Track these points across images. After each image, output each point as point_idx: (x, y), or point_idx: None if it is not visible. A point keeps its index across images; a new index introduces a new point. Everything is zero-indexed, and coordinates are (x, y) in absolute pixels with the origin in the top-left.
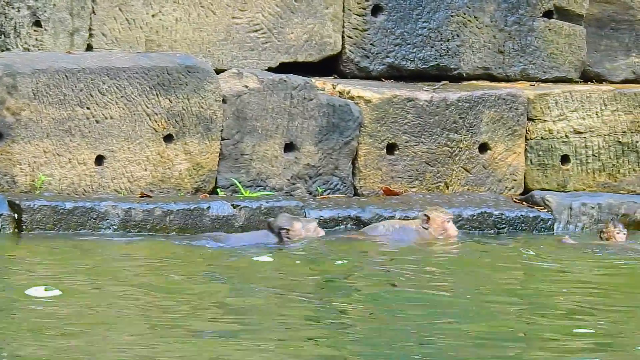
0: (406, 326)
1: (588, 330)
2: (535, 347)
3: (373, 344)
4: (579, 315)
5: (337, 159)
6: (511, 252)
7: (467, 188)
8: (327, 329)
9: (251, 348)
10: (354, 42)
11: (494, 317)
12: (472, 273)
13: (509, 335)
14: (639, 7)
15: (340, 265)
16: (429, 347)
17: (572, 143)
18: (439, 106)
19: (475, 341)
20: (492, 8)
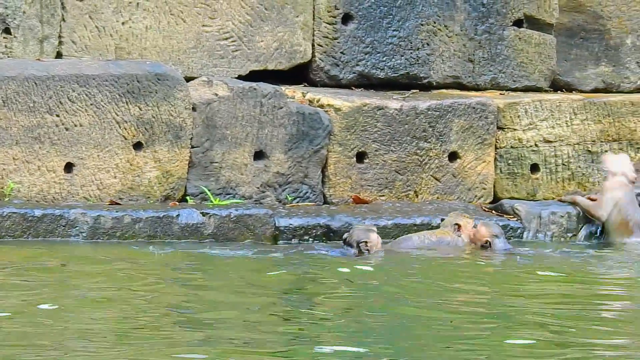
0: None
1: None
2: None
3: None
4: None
5: (306, 167)
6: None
7: (437, 197)
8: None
9: None
10: (324, 50)
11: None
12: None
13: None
14: (608, 17)
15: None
16: None
17: (541, 152)
18: (409, 115)
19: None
20: (462, 17)
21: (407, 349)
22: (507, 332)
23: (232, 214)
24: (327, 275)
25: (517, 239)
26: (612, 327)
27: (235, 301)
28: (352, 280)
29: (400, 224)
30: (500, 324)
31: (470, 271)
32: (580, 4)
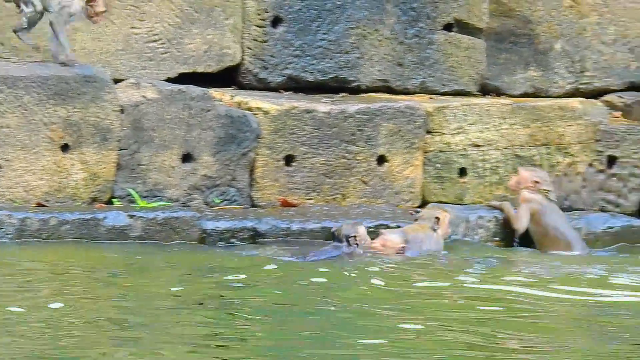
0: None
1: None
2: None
3: None
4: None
5: (234, 170)
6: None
7: (365, 200)
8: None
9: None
10: (253, 53)
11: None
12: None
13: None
14: (538, 21)
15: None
16: None
17: (470, 156)
18: (338, 118)
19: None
20: (392, 21)
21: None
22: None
23: (159, 217)
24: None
25: (444, 242)
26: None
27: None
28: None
29: (328, 227)
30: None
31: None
32: (510, 9)
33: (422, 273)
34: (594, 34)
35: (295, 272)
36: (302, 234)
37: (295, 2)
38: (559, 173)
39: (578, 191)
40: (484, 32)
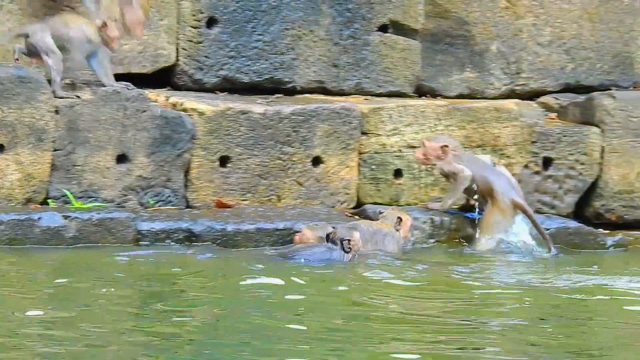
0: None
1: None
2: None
3: None
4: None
5: (169, 170)
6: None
7: (300, 201)
8: None
9: None
10: (188, 54)
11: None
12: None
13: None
14: (474, 23)
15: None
16: None
17: (405, 157)
18: (273, 119)
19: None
20: (327, 21)
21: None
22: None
23: (93, 218)
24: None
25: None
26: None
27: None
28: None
29: (263, 229)
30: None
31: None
32: (446, 10)
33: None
34: (530, 35)
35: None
36: (237, 235)
37: (230, 3)
38: None
39: None
40: (419, 33)
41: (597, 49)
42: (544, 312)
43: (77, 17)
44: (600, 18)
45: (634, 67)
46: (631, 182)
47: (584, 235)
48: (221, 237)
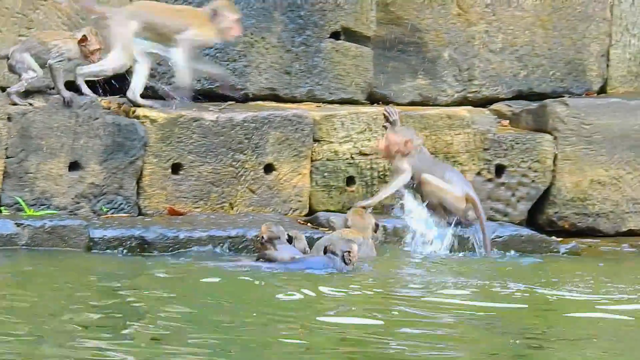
0: None
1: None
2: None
3: None
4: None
5: (122, 178)
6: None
7: (252, 209)
8: None
9: None
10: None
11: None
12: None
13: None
14: (426, 30)
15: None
16: None
17: (357, 165)
18: (225, 126)
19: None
20: (279, 29)
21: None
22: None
23: (46, 225)
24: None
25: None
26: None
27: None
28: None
29: (215, 236)
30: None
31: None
32: (398, 17)
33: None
34: (482, 43)
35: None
36: (190, 243)
37: None
38: None
39: None
40: (371, 40)
41: (549, 56)
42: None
43: (56, 34)
44: (553, 25)
45: (587, 74)
46: (584, 189)
47: (537, 243)
48: (173, 245)
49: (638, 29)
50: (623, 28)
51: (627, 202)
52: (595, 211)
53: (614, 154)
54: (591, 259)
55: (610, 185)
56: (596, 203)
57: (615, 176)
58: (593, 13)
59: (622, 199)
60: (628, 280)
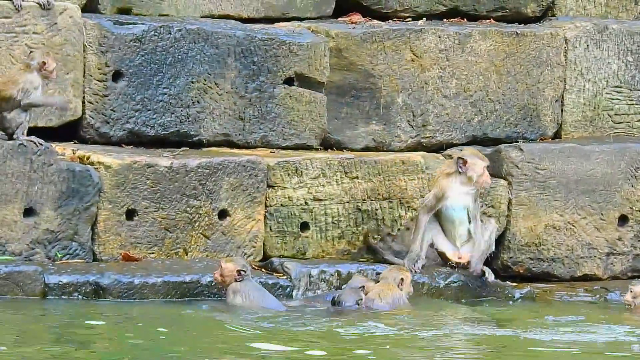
0: None
1: None
2: None
3: None
4: None
5: (76, 224)
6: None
7: (207, 254)
8: None
9: None
10: (94, 107)
11: None
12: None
13: None
14: (379, 75)
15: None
16: None
17: (312, 210)
18: (179, 172)
19: None
20: (233, 75)
21: None
22: None
23: (1, 271)
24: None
25: (287, 297)
26: None
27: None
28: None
29: (170, 282)
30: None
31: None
32: (352, 63)
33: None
34: (436, 88)
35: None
36: (144, 288)
37: (135, 56)
38: (401, 227)
39: None
40: (325, 86)
41: (503, 101)
42: None
43: (19, 71)
44: (507, 70)
45: (541, 119)
46: (538, 234)
47: (492, 288)
48: (128, 290)
49: (592, 74)
50: (577, 73)
51: (582, 246)
52: (550, 256)
53: (568, 199)
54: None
55: (565, 230)
56: (551, 248)
57: (570, 221)
58: (547, 58)
59: (577, 243)
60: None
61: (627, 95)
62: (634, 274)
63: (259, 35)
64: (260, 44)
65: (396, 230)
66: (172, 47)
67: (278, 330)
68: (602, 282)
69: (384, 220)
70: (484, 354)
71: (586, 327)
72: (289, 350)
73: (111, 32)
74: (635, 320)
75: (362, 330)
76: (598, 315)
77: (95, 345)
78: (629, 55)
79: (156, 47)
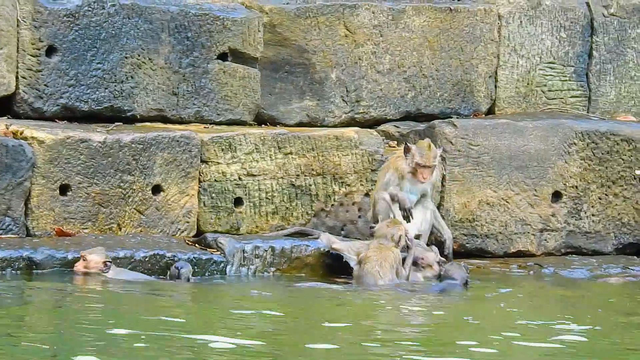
0: None
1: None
2: None
3: None
4: None
5: (9, 199)
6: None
7: (140, 230)
8: None
9: None
10: (28, 82)
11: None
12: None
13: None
14: (313, 51)
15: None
16: None
17: (245, 186)
18: (113, 147)
19: None
20: (166, 50)
21: None
22: None
23: None
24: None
25: (221, 273)
26: None
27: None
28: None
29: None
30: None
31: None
32: (285, 38)
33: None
34: (370, 64)
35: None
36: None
37: (69, 31)
38: (334, 203)
39: (355, 221)
40: (259, 61)
41: (437, 77)
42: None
43: None
44: (441, 46)
45: (475, 95)
46: (472, 210)
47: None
48: (61, 265)
49: (526, 50)
50: (511, 49)
51: (515, 223)
52: (484, 232)
53: (502, 175)
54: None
55: (499, 206)
56: (485, 224)
57: (503, 197)
58: (481, 34)
59: (511, 219)
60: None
61: (560, 71)
62: (568, 250)
63: (192, 10)
64: (194, 19)
65: (330, 206)
66: (106, 22)
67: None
68: (536, 258)
69: (318, 195)
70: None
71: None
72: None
73: (45, 7)
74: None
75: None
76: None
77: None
78: (563, 32)
79: (90, 22)
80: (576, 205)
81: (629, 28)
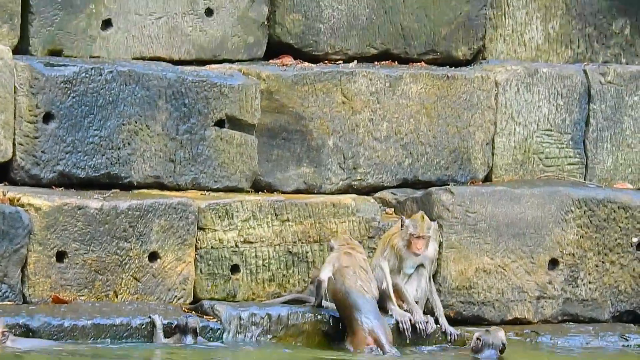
0: None
1: None
2: None
3: None
4: None
5: (6, 266)
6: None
7: (137, 297)
8: None
9: None
10: (25, 149)
11: None
12: None
13: None
14: (310, 118)
15: None
16: None
17: (242, 253)
18: (109, 214)
19: None
20: (163, 117)
21: None
22: None
23: None
24: None
25: (217, 340)
26: None
27: None
28: None
29: (100, 324)
30: None
31: None
32: (283, 105)
33: None
34: (367, 130)
35: None
36: (74, 331)
37: (66, 98)
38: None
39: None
40: (256, 128)
41: (434, 144)
42: None
43: None
44: (438, 113)
45: (472, 162)
46: (469, 277)
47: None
48: (58, 333)
49: (523, 117)
50: (508, 116)
51: (512, 290)
52: (481, 299)
53: (499, 242)
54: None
55: (496, 273)
56: (481, 291)
57: (500, 264)
58: (478, 101)
59: (508, 287)
60: None
61: (557, 138)
62: (565, 317)
63: (190, 77)
64: (192, 85)
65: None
66: (103, 89)
67: None
68: (533, 326)
69: (315, 263)
70: None
71: None
72: None
73: (42, 74)
74: None
75: None
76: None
77: None
78: (560, 99)
79: (87, 89)
80: (573, 272)
81: (626, 95)
